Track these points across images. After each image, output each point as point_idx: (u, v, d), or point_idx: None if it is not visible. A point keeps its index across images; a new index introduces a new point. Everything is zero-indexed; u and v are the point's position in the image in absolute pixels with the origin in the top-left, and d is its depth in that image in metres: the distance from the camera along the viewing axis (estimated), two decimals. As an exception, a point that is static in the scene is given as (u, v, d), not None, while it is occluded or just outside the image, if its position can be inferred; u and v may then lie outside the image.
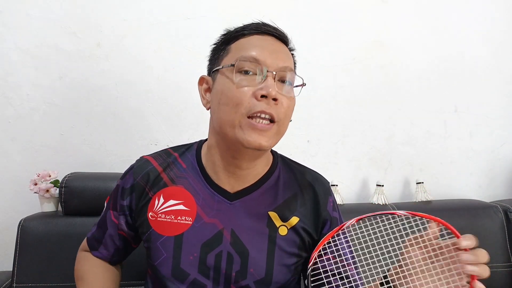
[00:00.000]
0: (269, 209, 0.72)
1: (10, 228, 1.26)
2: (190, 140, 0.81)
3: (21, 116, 1.30)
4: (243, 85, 0.64)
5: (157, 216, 0.71)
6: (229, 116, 0.64)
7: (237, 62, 0.65)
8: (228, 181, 0.72)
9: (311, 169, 0.82)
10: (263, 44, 0.67)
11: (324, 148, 1.45)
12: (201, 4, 1.36)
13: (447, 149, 1.49)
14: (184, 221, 0.70)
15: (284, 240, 0.71)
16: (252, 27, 0.70)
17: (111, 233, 0.78)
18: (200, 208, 0.70)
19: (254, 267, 0.69)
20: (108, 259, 0.80)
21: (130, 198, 0.74)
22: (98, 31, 1.31)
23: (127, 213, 0.75)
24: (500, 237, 1.24)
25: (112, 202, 0.78)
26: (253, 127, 0.63)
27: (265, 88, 0.63)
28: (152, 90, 1.35)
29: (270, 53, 0.66)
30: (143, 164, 0.76)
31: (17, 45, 1.28)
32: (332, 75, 1.43)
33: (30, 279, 1.06)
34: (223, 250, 0.69)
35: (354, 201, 1.45)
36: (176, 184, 0.72)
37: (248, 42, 0.68)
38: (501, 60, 1.49)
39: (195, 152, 0.76)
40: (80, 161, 1.33)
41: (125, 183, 0.75)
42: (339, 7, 1.42)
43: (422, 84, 1.47)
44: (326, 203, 0.76)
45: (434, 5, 1.46)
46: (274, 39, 0.70)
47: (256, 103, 0.63)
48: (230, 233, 0.69)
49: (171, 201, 0.71)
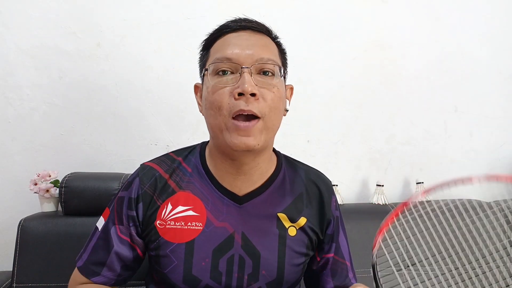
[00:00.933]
0: (278, 211, 0.72)
1: (10, 228, 1.26)
2: (190, 140, 0.82)
3: (21, 116, 1.30)
4: (220, 87, 0.64)
5: (166, 223, 0.69)
6: (215, 120, 0.65)
7: (212, 65, 0.65)
8: (235, 184, 0.71)
9: (313, 168, 0.82)
10: (237, 42, 0.66)
11: (324, 148, 1.44)
12: (201, 4, 1.35)
13: (447, 149, 1.49)
14: (194, 227, 0.68)
15: (294, 240, 0.71)
16: (227, 26, 0.69)
17: (117, 250, 0.71)
18: (210, 212, 0.69)
19: (266, 268, 0.69)
20: (113, 281, 0.73)
21: (137, 208, 0.70)
22: (98, 31, 1.31)
23: (137, 224, 0.71)
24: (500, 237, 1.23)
25: (116, 217, 0.72)
26: (237, 128, 0.63)
27: (241, 85, 0.62)
28: (152, 90, 1.35)
29: (243, 49, 0.65)
30: (149, 171, 0.73)
31: (17, 45, 1.28)
32: (332, 75, 1.43)
33: (30, 279, 1.06)
34: (234, 254, 0.68)
35: (354, 201, 1.45)
36: (183, 189, 0.71)
37: (223, 42, 0.68)
38: (501, 60, 1.49)
39: (198, 155, 0.75)
40: (80, 161, 1.33)
41: (132, 193, 0.71)
42: (339, 7, 1.42)
43: (422, 84, 1.47)
44: (330, 203, 0.77)
45: (434, 5, 1.46)
46: (250, 33, 0.68)
47: (235, 102, 0.62)
48: (241, 236, 0.69)
49: (180, 207, 0.69)
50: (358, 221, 1.21)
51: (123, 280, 0.75)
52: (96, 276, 0.71)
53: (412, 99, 1.47)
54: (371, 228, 1.20)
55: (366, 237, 1.19)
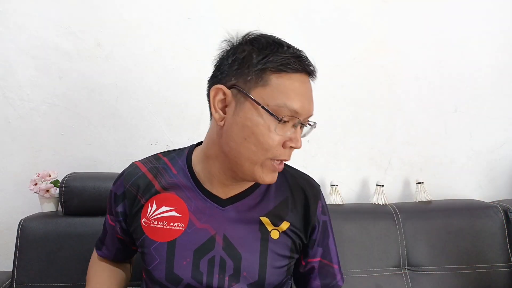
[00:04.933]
0: (261, 214, 0.72)
1: (10, 228, 1.26)
2: (191, 140, 0.82)
3: (21, 116, 1.30)
4: (277, 134, 0.63)
5: (150, 222, 0.72)
6: (253, 156, 0.64)
7: (277, 109, 0.62)
8: (222, 190, 0.73)
9: (302, 172, 0.82)
10: (304, 92, 0.65)
11: (324, 148, 1.44)
12: (200, 4, 1.35)
13: (447, 149, 1.49)
14: (176, 227, 0.71)
15: (276, 243, 0.72)
16: (294, 61, 0.63)
17: (110, 235, 0.81)
18: (192, 214, 0.71)
19: (247, 270, 0.69)
20: (111, 258, 0.83)
21: (123, 204, 0.75)
22: (98, 31, 1.31)
23: (121, 218, 0.76)
24: (500, 237, 1.23)
25: (108, 206, 0.79)
26: (274, 169, 0.66)
27: (295, 140, 0.65)
28: (152, 90, 1.35)
29: (309, 104, 0.66)
30: (133, 170, 0.76)
31: (17, 45, 1.28)
32: (332, 75, 1.43)
33: (30, 279, 1.06)
34: (215, 255, 0.69)
35: (354, 201, 1.45)
36: (168, 190, 0.73)
37: (292, 86, 0.63)
38: (501, 60, 1.49)
39: (185, 158, 0.76)
40: (80, 161, 1.33)
41: (117, 189, 0.76)
42: (339, 7, 1.42)
43: (422, 84, 1.47)
44: (316, 208, 0.77)
45: (434, 5, 1.45)
46: (309, 79, 0.68)
47: (283, 151, 0.65)
48: (222, 238, 0.70)
49: (164, 208, 0.72)
50: (358, 221, 1.21)
51: (121, 260, 0.85)
52: (99, 250, 0.84)
53: (412, 99, 1.47)
54: (371, 228, 1.20)
55: (366, 237, 1.18)
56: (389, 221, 1.22)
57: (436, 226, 1.23)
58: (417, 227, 1.22)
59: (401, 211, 1.26)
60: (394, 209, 1.26)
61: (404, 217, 1.24)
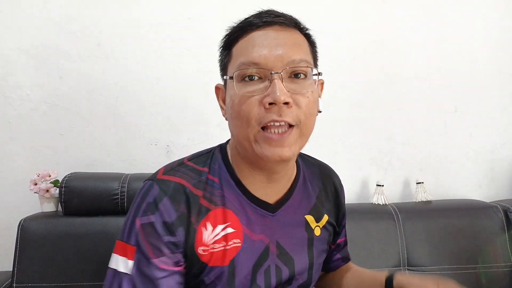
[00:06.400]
0: (305, 213, 0.71)
1: (10, 228, 1.26)
2: (190, 140, 0.81)
3: (21, 116, 1.30)
4: (248, 96, 0.57)
5: (209, 248, 0.61)
6: (243, 131, 0.58)
7: (237, 72, 0.58)
8: (266, 192, 0.66)
9: (323, 162, 0.82)
10: (263, 42, 0.58)
11: (324, 148, 1.44)
12: (201, 4, 1.35)
13: (447, 149, 1.49)
14: (234, 244, 0.62)
15: (319, 240, 0.72)
16: (250, 22, 0.60)
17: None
18: (245, 226, 0.64)
19: (299, 273, 0.69)
20: None
21: (178, 231, 0.60)
22: (98, 31, 1.31)
23: (181, 250, 0.60)
24: (500, 237, 1.24)
25: (149, 249, 0.59)
26: (269, 140, 0.57)
27: (272, 94, 0.55)
28: (152, 90, 1.35)
29: (272, 50, 0.57)
30: (178, 188, 0.62)
31: (17, 45, 1.28)
32: (332, 75, 1.42)
33: (30, 279, 1.06)
34: (270, 264, 0.65)
35: (354, 201, 1.45)
36: (217, 205, 0.63)
37: (247, 42, 0.59)
38: (500, 60, 1.49)
39: (222, 163, 0.67)
40: (80, 161, 1.33)
41: (164, 216, 0.59)
42: (339, 7, 1.42)
43: (422, 84, 1.47)
44: (343, 196, 0.79)
45: (434, 5, 1.46)
46: (278, 29, 0.60)
47: (264, 113, 0.56)
48: (276, 246, 0.66)
49: (219, 226, 0.62)
50: (358, 221, 1.21)
51: None
52: None
53: (412, 99, 1.47)
54: (371, 228, 1.20)
55: (366, 237, 1.19)
56: (389, 221, 1.22)
57: (436, 226, 1.23)
58: (417, 227, 1.22)
59: (401, 211, 1.26)
60: (394, 209, 1.26)
61: (404, 217, 1.24)
